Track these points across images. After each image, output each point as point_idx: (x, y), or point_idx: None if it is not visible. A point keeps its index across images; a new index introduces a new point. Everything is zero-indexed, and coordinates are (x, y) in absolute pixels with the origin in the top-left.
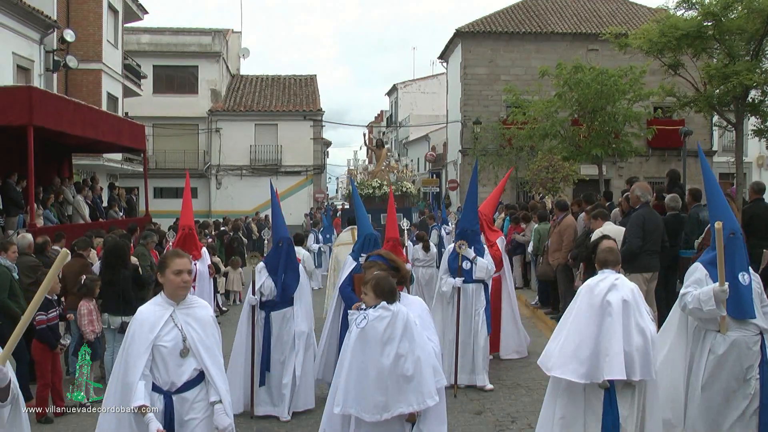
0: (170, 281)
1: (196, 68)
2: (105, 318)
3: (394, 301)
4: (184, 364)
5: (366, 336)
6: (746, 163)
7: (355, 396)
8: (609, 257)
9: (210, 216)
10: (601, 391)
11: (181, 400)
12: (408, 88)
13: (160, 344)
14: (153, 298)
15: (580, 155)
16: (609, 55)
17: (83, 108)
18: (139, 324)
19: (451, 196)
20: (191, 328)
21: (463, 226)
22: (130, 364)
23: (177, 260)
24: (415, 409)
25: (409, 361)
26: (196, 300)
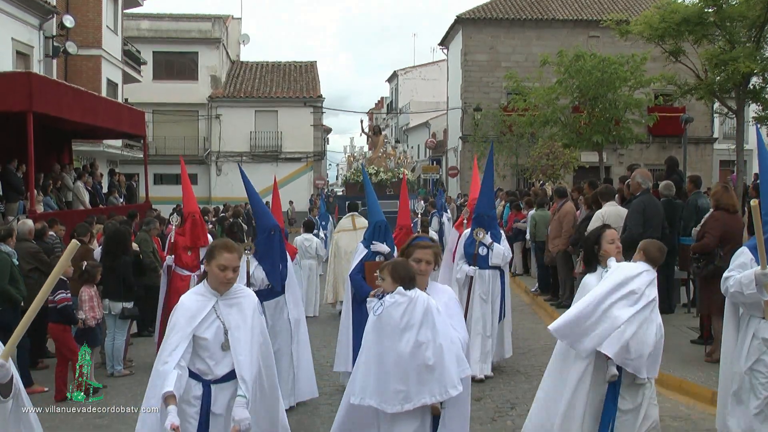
0: (214, 274)
1: (196, 54)
2: (106, 304)
3: (413, 287)
4: (226, 356)
5: (382, 323)
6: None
7: (375, 386)
8: (661, 258)
9: (210, 202)
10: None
11: (220, 390)
12: (408, 75)
13: (200, 336)
14: (197, 285)
15: (581, 142)
16: (610, 42)
17: (83, 94)
18: (181, 314)
19: (451, 183)
20: (233, 320)
21: (480, 210)
22: (166, 352)
23: (225, 254)
24: (437, 399)
25: (430, 350)
26: (241, 290)
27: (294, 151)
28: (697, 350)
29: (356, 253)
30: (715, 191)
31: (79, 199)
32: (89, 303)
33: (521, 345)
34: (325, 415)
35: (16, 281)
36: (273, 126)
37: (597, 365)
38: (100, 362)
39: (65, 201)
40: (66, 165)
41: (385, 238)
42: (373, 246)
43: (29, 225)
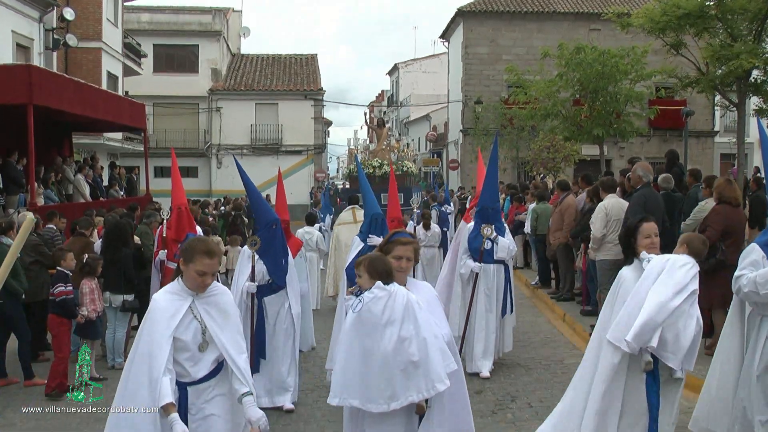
0: (191, 278)
1: (197, 47)
2: (106, 297)
3: (391, 282)
4: (204, 357)
5: (362, 320)
6: (748, 143)
7: (358, 386)
8: (704, 251)
9: (211, 195)
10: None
11: (197, 391)
12: (409, 68)
13: (179, 337)
14: (170, 284)
15: (581, 135)
16: (611, 35)
17: (83, 87)
18: (157, 315)
19: (452, 176)
20: (211, 319)
21: (484, 203)
22: (152, 358)
23: (206, 260)
24: (425, 396)
25: (414, 345)
26: (216, 287)
27: (294, 144)
28: None
29: (353, 247)
30: (717, 184)
31: (80, 192)
32: (90, 296)
33: (521, 338)
34: (324, 407)
35: (16, 274)
36: (273, 119)
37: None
38: (101, 355)
39: (66, 194)
40: (66, 158)
41: (382, 232)
42: (369, 239)
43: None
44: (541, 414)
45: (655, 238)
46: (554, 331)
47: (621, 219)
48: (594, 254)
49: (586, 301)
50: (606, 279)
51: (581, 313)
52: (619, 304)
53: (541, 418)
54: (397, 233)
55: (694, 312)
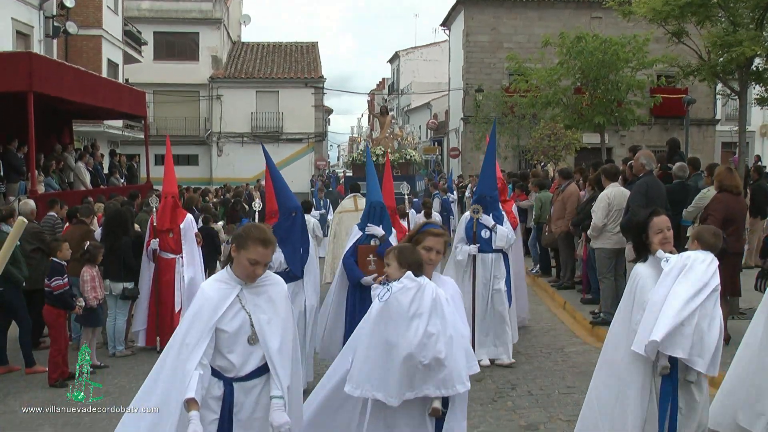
0: (243, 266)
1: (197, 35)
2: (107, 284)
3: (420, 275)
4: (253, 351)
5: (389, 310)
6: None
7: (379, 378)
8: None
9: (211, 183)
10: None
11: (243, 389)
12: (410, 56)
13: (223, 328)
14: (219, 272)
15: (582, 123)
16: (612, 23)
17: (83, 74)
18: (201, 304)
19: (453, 164)
20: (260, 310)
21: (481, 191)
22: (189, 349)
23: (260, 249)
24: (441, 393)
25: (441, 341)
26: (269, 276)
27: (295, 132)
28: None
29: (351, 236)
30: (718, 173)
31: (81, 180)
32: (91, 283)
33: (521, 326)
34: None
35: (17, 261)
36: (274, 107)
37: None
38: (102, 342)
39: (67, 182)
40: (67, 145)
41: (381, 221)
42: (367, 228)
43: (30, 205)
44: (541, 402)
45: (668, 232)
46: (555, 319)
47: (623, 209)
48: (593, 242)
49: (586, 289)
50: (605, 267)
51: (582, 301)
52: (637, 304)
53: (542, 406)
54: (429, 224)
55: (717, 312)
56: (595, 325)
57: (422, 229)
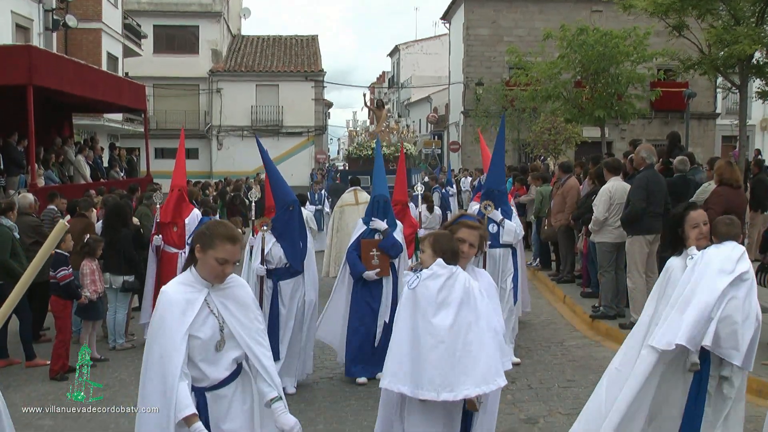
0: (210, 266)
1: (197, 28)
2: (107, 278)
3: (455, 263)
4: (222, 357)
5: (417, 297)
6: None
7: (409, 370)
8: (732, 230)
9: (211, 177)
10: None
11: (216, 398)
12: (410, 49)
13: (195, 335)
14: (180, 274)
15: (583, 117)
16: (613, 17)
17: (83, 68)
18: (167, 309)
19: (453, 158)
20: (230, 313)
21: (489, 186)
22: (165, 360)
23: (227, 246)
24: (483, 390)
25: (472, 334)
26: (232, 278)
27: (295, 125)
28: None
29: (355, 230)
30: (718, 166)
31: (81, 173)
32: (91, 277)
33: (521, 320)
34: (325, 388)
35: (17, 255)
36: (274, 100)
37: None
38: (103, 336)
39: (67, 175)
40: (67, 139)
41: (385, 215)
42: (371, 223)
43: (30, 199)
44: (541, 395)
45: (704, 226)
46: (554, 312)
47: (624, 203)
48: (594, 236)
49: (586, 283)
50: (606, 261)
51: (581, 295)
52: (666, 298)
53: (542, 399)
54: (465, 216)
55: (751, 302)
56: (594, 318)
57: (457, 220)
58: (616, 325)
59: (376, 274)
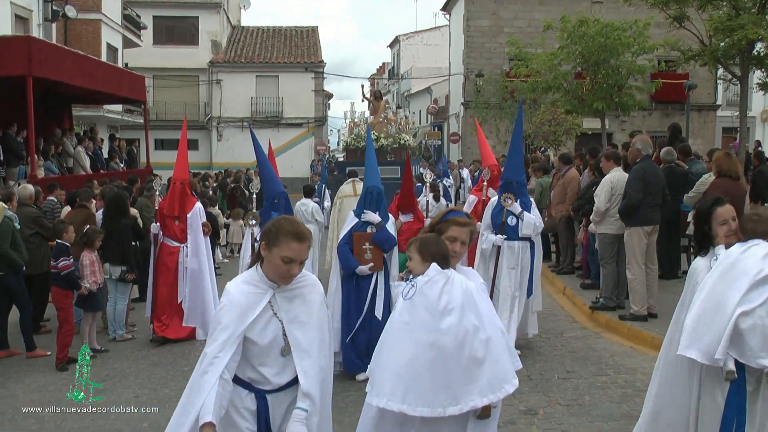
0: (275, 266)
1: (197, 19)
2: (106, 268)
3: (447, 267)
4: (287, 362)
5: (416, 308)
6: (750, 117)
7: (407, 386)
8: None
9: (211, 168)
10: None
11: (278, 400)
12: (410, 41)
13: (253, 339)
14: (246, 271)
15: (583, 108)
16: (613, 8)
17: (83, 58)
18: (227, 309)
19: (453, 149)
20: (293, 317)
21: (508, 176)
22: (207, 362)
23: (294, 245)
24: (491, 399)
25: (478, 338)
26: (305, 277)
27: (295, 116)
28: None
29: (346, 222)
30: (717, 158)
31: (80, 165)
32: (90, 268)
33: None
34: None
35: (17, 245)
36: (274, 91)
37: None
38: (103, 327)
39: (66, 166)
40: (67, 130)
41: (377, 207)
42: (363, 215)
43: (30, 190)
44: (540, 386)
45: (733, 222)
46: (554, 304)
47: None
48: (595, 227)
49: (586, 274)
50: (607, 252)
51: (581, 286)
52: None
53: (541, 391)
54: (453, 212)
55: None
56: (594, 310)
57: (445, 217)
58: (616, 317)
59: (368, 269)
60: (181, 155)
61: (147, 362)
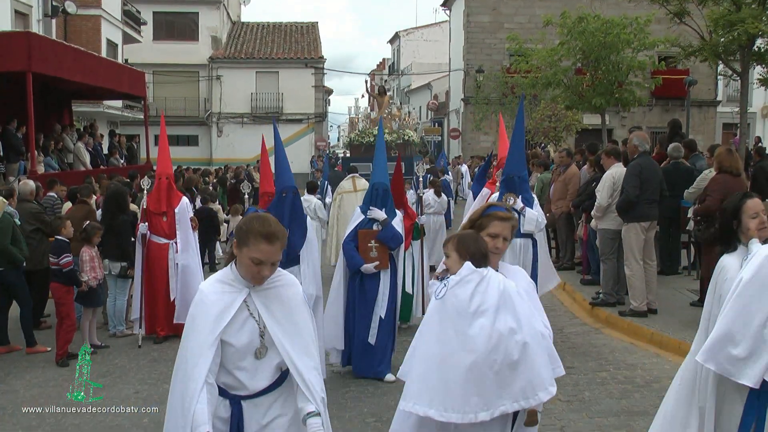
0: (245, 266)
1: (197, 15)
2: (105, 264)
3: (485, 266)
4: (262, 365)
5: (446, 308)
6: (750, 113)
7: (438, 390)
8: None
9: (211, 164)
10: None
11: (254, 406)
12: (410, 36)
13: (229, 341)
14: (221, 270)
15: (583, 104)
16: (613, 3)
17: (82, 54)
18: (202, 312)
19: (453, 145)
20: (272, 317)
21: (509, 172)
22: (190, 368)
23: (263, 246)
24: (522, 406)
25: (513, 341)
26: (280, 276)
27: (295, 112)
28: (696, 312)
29: (352, 219)
30: (718, 154)
31: (80, 160)
32: (90, 263)
33: None
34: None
35: (18, 241)
36: (274, 87)
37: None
38: (103, 322)
39: (66, 162)
40: (66, 126)
41: (384, 204)
42: (369, 212)
43: (30, 186)
44: None
45: (764, 215)
46: (554, 300)
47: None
48: (596, 223)
49: (586, 270)
50: (608, 248)
51: (581, 282)
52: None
53: None
54: (494, 206)
55: None
56: (594, 306)
57: (486, 212)
58: (616, 313)
59: (374, 267)
60: (163, 150)
61: (147, 358)
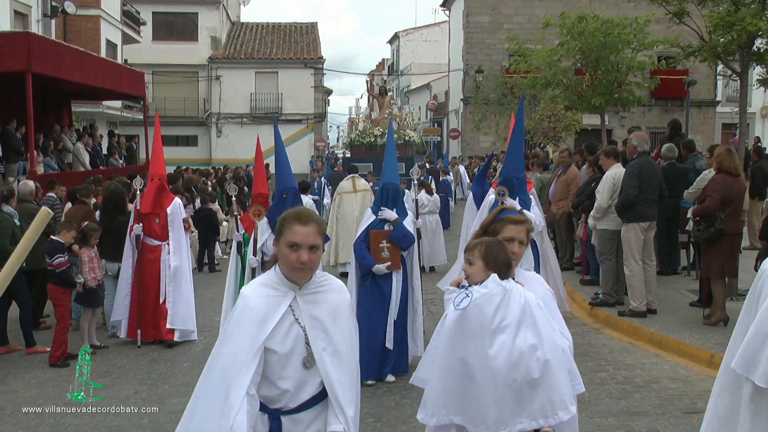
0: (284, 256)
1: (196, 15)
2: (103, 265)
3: (508, 277)
4: (309, 376)
5: (468, 321)
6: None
7: (457, 403)
8: None
9: (210, 164)
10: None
11: (293, 423)
12: (410, 36)
13: (272, 348)
14: (264, 273)
15: (582, 105)
16: (613, 4)
17: (82, 54)
18: (247, 316)
19: (452, 145)
20: (316, 324)
21: (507, 173)
22: (229, 378)
23: (296, 227)
24: (541, 425)
25: (534, 358)
26: (327, 281)
27: (294, 112)
28: (695, 313)
29: (363, 219)
30: (717, 154)
31: (80, 161)
32: (89, 264)
33: None
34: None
35: (17, 242)
36: (273, 87)
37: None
38: (101, 323)
39: (66, 162)
40: (66, 126)
41: (394, 204)
42: (380, 212)
43: (30, 186)
44: None
45: None
46: None
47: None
48: (595, 223)
49: (585, 270)
50: (607, 248)
51: (581, 282)
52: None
53: None
54: (506, 210)
55: None
56: (594, 306)
57: (499, 216)
58: (616, 313)
59: (386, 268)
60: (157, 150)
61: (146, 358)
